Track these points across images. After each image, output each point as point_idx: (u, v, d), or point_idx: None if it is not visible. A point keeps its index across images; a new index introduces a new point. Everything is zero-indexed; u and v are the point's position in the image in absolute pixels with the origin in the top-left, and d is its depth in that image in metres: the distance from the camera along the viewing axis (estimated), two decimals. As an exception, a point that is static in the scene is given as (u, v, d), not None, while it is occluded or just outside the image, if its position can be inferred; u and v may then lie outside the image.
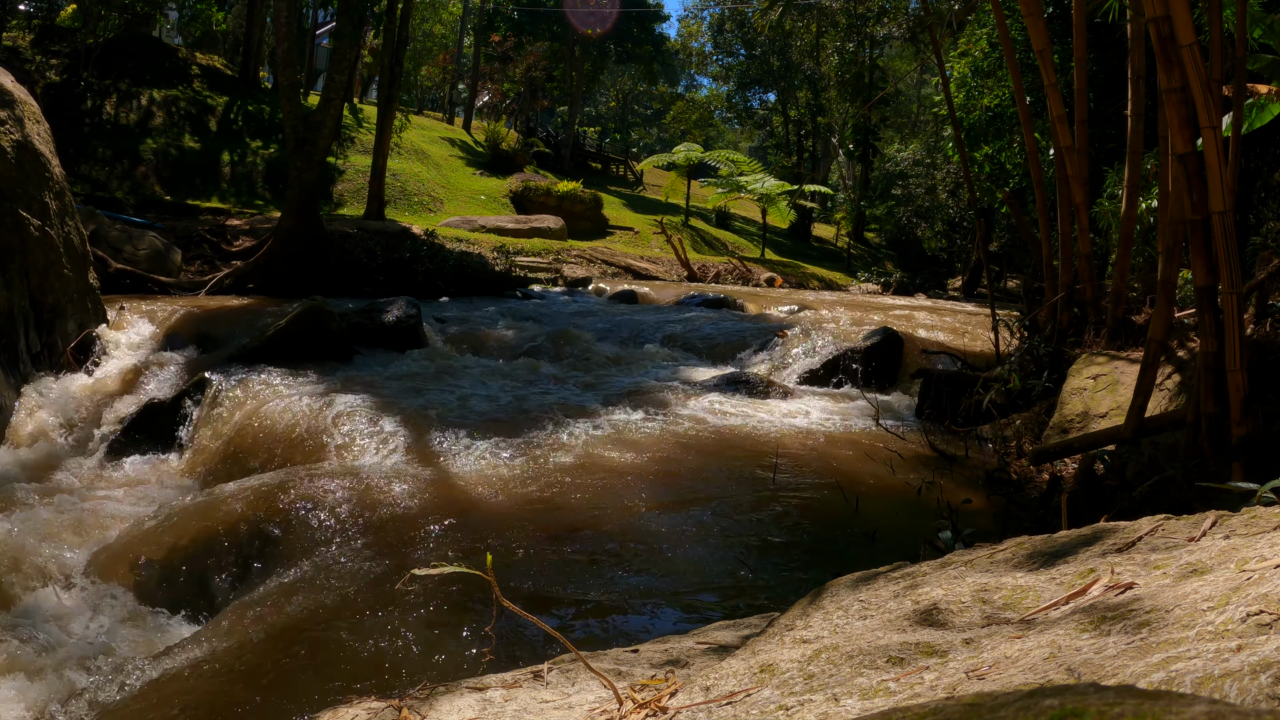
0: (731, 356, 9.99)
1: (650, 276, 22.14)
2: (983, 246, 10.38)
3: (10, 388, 7.11)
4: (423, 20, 37.76)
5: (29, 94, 8.47)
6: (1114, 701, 0.59)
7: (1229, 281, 3.66)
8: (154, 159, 21.34)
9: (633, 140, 56.46)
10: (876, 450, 6.18)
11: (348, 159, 25.34)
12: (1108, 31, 9.72)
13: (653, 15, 42.81)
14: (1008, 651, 1.20)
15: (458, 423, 6.35)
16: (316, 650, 3.35)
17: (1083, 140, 6.12)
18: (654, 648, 1.94)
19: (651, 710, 1.39)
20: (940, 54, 8.92)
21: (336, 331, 8.59)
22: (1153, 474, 4.18)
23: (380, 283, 13.51)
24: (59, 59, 22.22)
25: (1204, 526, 1.59)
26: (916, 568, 1.80)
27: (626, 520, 4.72)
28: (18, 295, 7.37)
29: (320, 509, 4.75)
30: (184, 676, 3.28)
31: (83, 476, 6.22)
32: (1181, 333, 5.26)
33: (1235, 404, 3.74)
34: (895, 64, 36.91)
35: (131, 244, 12.44)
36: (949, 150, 19.72)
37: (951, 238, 27.42)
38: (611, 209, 30.71)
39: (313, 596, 3.85)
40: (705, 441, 6.19)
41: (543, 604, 3.69)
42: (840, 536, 4.62)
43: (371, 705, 1.60)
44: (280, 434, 6.24)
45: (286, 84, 14.23)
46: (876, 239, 37.01)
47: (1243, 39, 4.36)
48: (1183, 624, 1.11)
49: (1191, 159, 3.81)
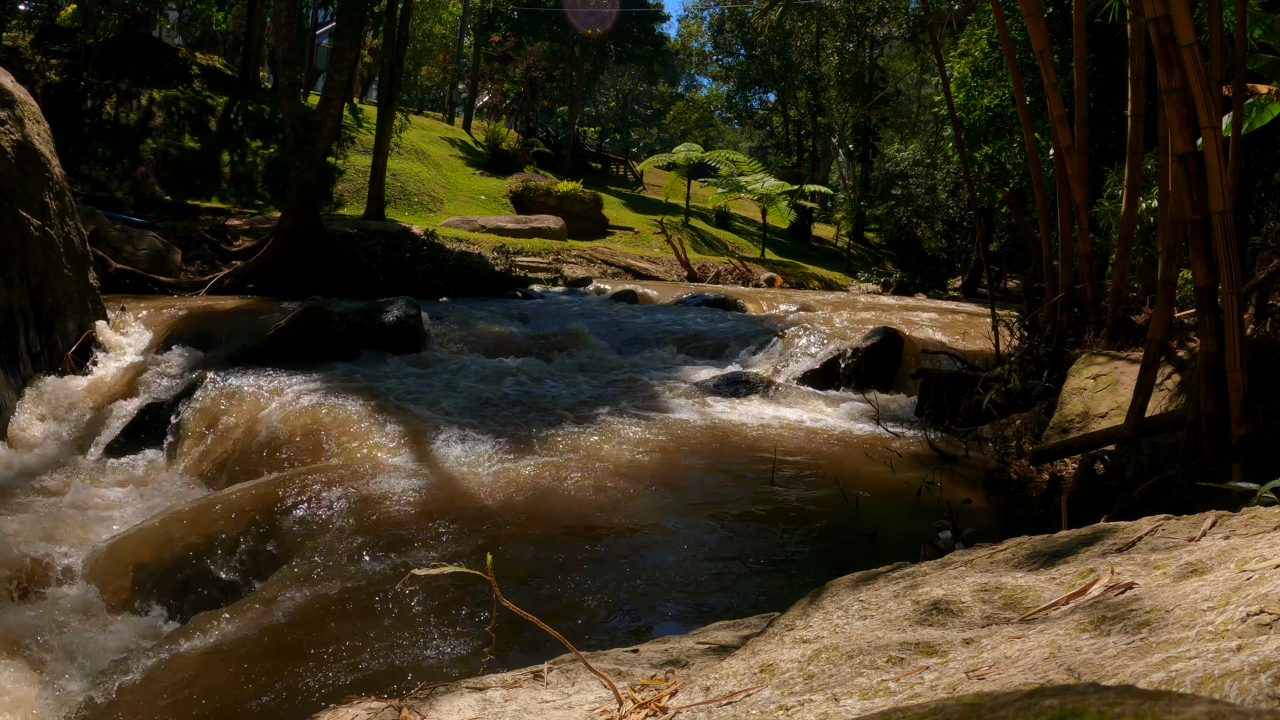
0: (732, 356, 10.00)
1: (650, 276, 22.14)
2: (983, 246, 10.38)
3: (10, 388, 7.11)
4: (423, 20, 37.76)
5: (29, 94, 8.47)
6: (1114, 701, 0.59)
7: (1229, 281, 3.66)
8: (154, 159, 21.34)
9: (633, 140, 56.44)
10: (876, 450, 6.18)
11: (348, 159, 25.34)
12: (1108, 31, 9.72)
13: (653, 15, 42.82)
14: (1008, 651, 1.20)
15: (458, 422, 6.35)
16: (316, 650, 3.35)
17: (1083, 140, 6.12)
18: (654, 648, 1.94)
19: (651, 710, 1.39)
20: (940, 54, 8.92)
21: (337, 331, 8.59)
22: (1153, 474, 4.18)
23: (380, 283, 13.50)
24: (59, 59, 22.20)
25: (1204, 526, 1.59)
26: (916, 568, 1.80)
27: (626, 520, 4.72)
28: (18, 295, 7.37)
29: (320, 509, 4.75)
30: (183, 676, 3.28)
31: (83, 476, 6.22)
32: (1181, 333, 5.26)
33: (1235, 404, 3.74)
34: (895, 64, 36.88)
35: (131, 244, 12.44)
36: (949, 150, 19.72)
37: (951, 238, 27.40)
38: (611, 209, 30.70)
39: (312, 596, 3.85)
40: (705, 441, 6.19)
41: (543, 604, 3.69)
42: (840, 536, 4.63)
43: (371, 705, 1.60)
44: (280, 434, 6.24)
45: (286, 84, 14.23)
46: (876, 239, 36.99)
47: (1243, 39, 4.35)
48: (1183, 624, 1.11)
49: (1191, 159, 3.81)
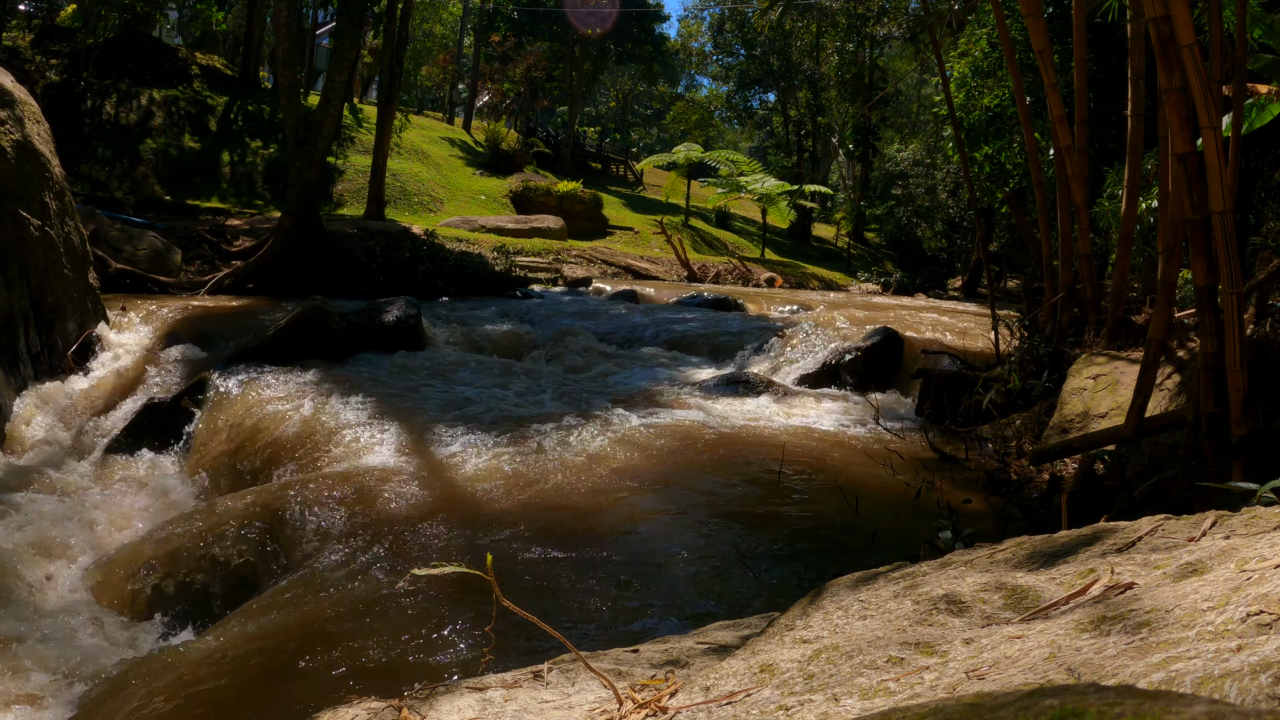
0: (731, 356, 9.99)
1: (650, 276, 22.14)
2: (983, 246, 10.37)
3: (10, 388, 7.10)
4: (423, 20, 37.76)
5: (29, 94, 8.47)
6: (1114, 701, 0.59)
7: (1229, 281, 3.66)
8: (154, 159, 21.34)
9: (633, 140, 56.44)
10: (876, 450, 6.17)
11: (348, 159, 25.34)
12: (1108, 31, 9.72)
13: (653, 15, 42.84)
14: (1008, 651, 1.20)
15: (458, 422, 6.35)
16: (316, 650, 3.35)
17: (1083, 140, 6.12)
18: (654, 648, 1.93)
19: (651, 710, 1.39)
20: (940, 54, 8.92)
21: (336, 331, 8.59)
22: (1153, 474, 4.18)
23: (380, 283, 13.49)
24: (59, 59, 22.20)
25: (1204, 526, 1.59)
26: (916, 568, 1.80)
27: (626, 520, 4.72)
28: (18, 295, 7.36)
29: (320, 509, 4.75)
30: (184, 676, 3.28)
31: (83, 477, 6.22)
32: (1181, 333, 5.26)
33: (1235, 404, 3.74)
34: (895, 64, 36.89)
35: (131, 244, 12.43)
36: (949, 150, 19.72)
37: (951, 238, 27.39)
38: (611, 209, 30.71)
39: (312, 596, 3.85)
40: (705, 441, 6.19)
41: (543, 604, 3.68)
42: (840, 536, 4.62)
43: (371, 705, 1.60)
44: (280, 434, 6.24)
45: (286, 84, 14.23)
46: (876, 239, 37.00)
47: (1243, 39, 4.35)
48: (1183, 624, 1.11)
49: (1191, 159, 3.81)
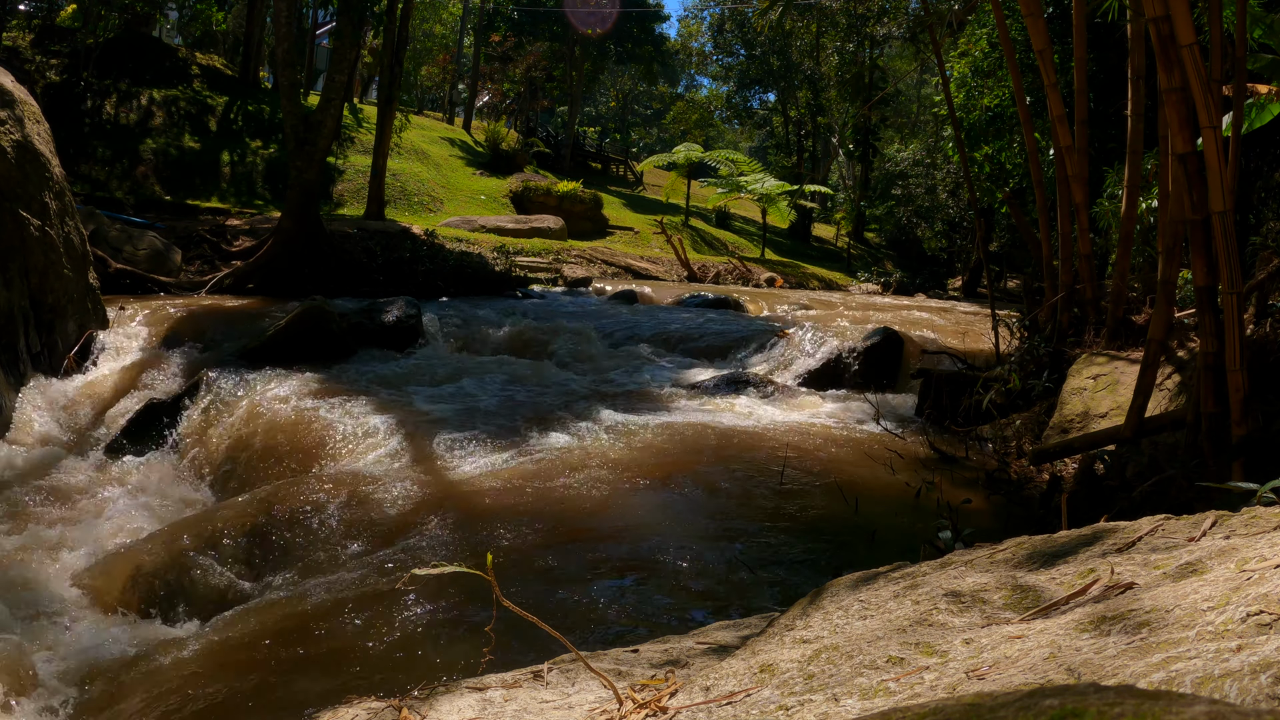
0: (731, 356, 9.99)
1: (650, 276, 22.14)
2: (983, 246, 10.38)
3: (10, 388, 7.10)
4: (423, 20, 37.75)
5: (29, 94, 8.47)
6: (1114, 701, 0.59)
7: (1229, 281, 3.66)
8: (154, 159, 21.34)
9: (633, 140, 56.42)
10: (876, 450, 6.17)
11: (348, 159, 25.33)
12: (1108, 31, 9.72)
13: (653, 15, 42.82)
14: (1008, 651, 1.20)
15: (458, 422, 6.35)
16: (316, 650, 3.35)
17: (1083, 140, 6.12)
18: (654, 648, 1.93)
19: (651, 710, 1.39)
20: (940, 54, 8.92)
21: (336, 331, 8.59)
22: (1153, 474, 4.18)
23: (380, 283, 13.49)
24: (59, 59, 22.20)
25: (1204, 526, 1.59)
26: (916, 568, 1.80)
27: (626, 520, 4.71)
28: (18, 295, 7.36)
29: (320, 509, 4.75)
30: (184, 676, 3.28)
31: (83, 476, 6.21)
32: (1181, 333, 5.26)
33: (1235, 404, 3.74)
34: (895, 64, 36.87)
35: (131, 244, 12.43)
36: (949, 150, 19.72)
37: (951, 238, 27.38)
38: (611, 209, 30.70)
39: (312, 596, 3.85)
40: (704, 442, 6.19)
41: (543, 604, 3.68)
42: (840, 536, 4.62)
43: (371, 705, 1.60)
44: (280, 434, 6.24)
45: (286, 84, 14.23)
46: (876, 239, 37.00)
47: (1243, 39, 4.35)
48: (1183, 624, 1.11)
49: (1191, 159, 3.81)
